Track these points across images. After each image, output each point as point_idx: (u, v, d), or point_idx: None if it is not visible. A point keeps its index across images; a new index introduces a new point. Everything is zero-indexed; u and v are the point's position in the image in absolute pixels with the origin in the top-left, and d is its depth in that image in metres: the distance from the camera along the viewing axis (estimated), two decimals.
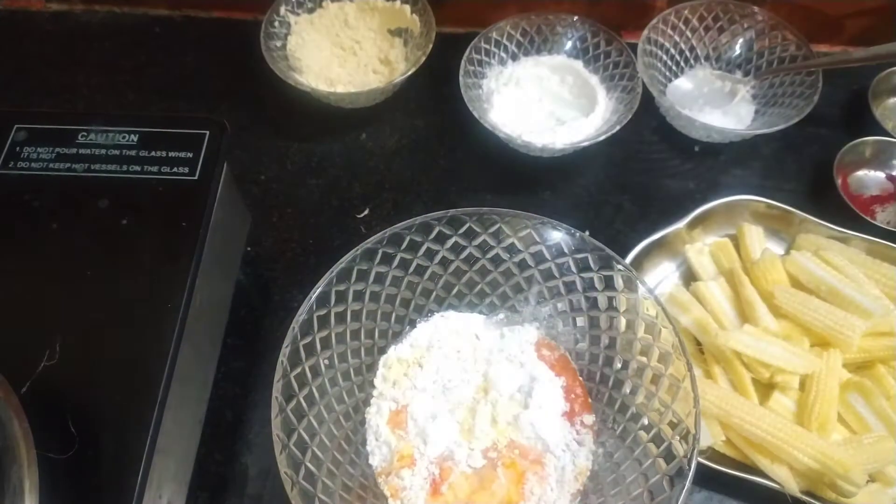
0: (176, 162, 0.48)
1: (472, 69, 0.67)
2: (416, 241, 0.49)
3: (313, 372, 0.45)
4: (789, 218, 0.59)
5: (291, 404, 0.42)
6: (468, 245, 0.50)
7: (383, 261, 0.49)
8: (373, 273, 0.48)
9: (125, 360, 0.40)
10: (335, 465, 0.43)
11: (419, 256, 0.50)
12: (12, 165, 0.47)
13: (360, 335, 0.49)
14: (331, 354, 0.47)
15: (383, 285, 0.49)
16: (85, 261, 0.44)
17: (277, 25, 0.70)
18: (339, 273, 0.46)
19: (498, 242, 0.50)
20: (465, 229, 0.49)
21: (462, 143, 0.69)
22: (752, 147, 0.69)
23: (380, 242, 0.47)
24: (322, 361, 0.46)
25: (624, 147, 0.68)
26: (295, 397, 0.43)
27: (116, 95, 0.72)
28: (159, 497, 0.40)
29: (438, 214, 0.48)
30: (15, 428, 0.33)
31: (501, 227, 0.49)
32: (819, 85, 0.64)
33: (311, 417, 0.43)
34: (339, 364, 0.48)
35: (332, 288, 0.46)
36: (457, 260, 0.51)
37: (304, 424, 0.42)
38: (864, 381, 0.50)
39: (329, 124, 0.70)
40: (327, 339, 0.47)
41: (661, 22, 0.69)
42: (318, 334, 0.46)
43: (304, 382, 0.44)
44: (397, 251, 0.49)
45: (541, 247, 0.49)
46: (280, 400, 0.41)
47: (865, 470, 0.47)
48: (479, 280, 0.52)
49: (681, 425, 0.42)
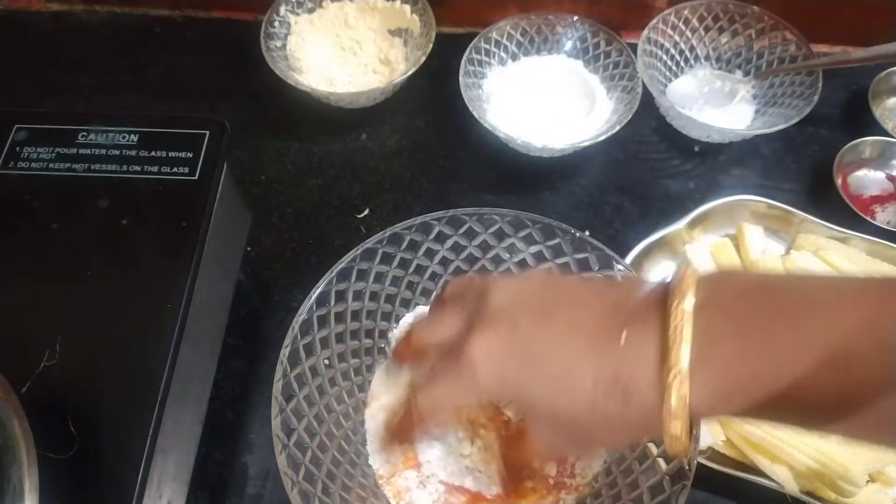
0: (176, 162, 0.48)
1: (472, 69, 0.67)
2: (416, 240, 0.49)
3: (313, 372, 0.45)
4: (789, 218, 0.59)
5: (291, 404, 0.42)
6: (468, 245, 0.50)
7: (383, 260, 0.49)
8: (373, 273, 0.48)
9: (125, 360, 0.40)
10: (335, 465, 0.43)
11: (419, 256, 0.50)
12: (12, 165, 0.47)
13: (360, 335, 0.49)
14: (331, 354, 0.47)
15: (383, 285, 0.49)
16: (85, 261, 0.44)
17: (277, 25, 0.70)
18: (340, 272, 0.46)
19: (498, 242, 0.50)
20: (466, 229, 0.49)
21: (462, 143, 0.69)
22: (752, 147, 0.69)
23: (380, 242, 0.47)
24: (322, 361, 0.46)
25: (624, 147, 0.68)
26: (295, 397, 0.43)
27: (116, 95, 0.72)
28: (159, 497, 0.40)
29: (438, 214, 0.48)
30: (15, 428, 0.33)
31: (502, 227, 0.49)
32: (819, 85, 0.64)
33: (310, 417, 0.43)
34: (339, 364, 0.48)
35: (332, 288, 0.46)
36: (457, 260, 0.51)
37: (304, 424, 0.42)
38: None
39: (329, 124, 0.70)
40: (327, 339, 0.47)
41: (661, 22, 0.69)
42: (317, 334, 0.46)
43: (304, 382, 0.44)
44: (397, 251, 0.49)
45: (541, 247, 0.49)
46: (280, 400, 0.41)
47: (865, 470, 0.47)
48: None
49: None
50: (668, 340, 0.28)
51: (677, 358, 0.28)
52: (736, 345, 0.28)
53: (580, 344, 0.31)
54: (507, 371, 0.32)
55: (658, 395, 0.29)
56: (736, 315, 0.29)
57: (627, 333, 0.30)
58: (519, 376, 0.32)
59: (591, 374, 0.30)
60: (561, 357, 0.31)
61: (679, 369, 0.28)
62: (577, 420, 0.31)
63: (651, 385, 0.29)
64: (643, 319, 0.30)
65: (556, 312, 0.33)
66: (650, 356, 0.29)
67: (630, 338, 0.30)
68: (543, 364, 0.32)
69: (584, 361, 0.31)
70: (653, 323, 0.30)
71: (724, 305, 0.29)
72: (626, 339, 0.30)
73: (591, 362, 0.31)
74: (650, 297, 0.31)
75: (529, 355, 0.32)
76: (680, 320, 0.28)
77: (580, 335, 0.31)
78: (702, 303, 0.29)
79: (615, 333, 0.30)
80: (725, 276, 0.31)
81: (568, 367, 0.31)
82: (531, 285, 0.35)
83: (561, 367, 0.31)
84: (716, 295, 0.29)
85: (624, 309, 0.32)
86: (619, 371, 0.30)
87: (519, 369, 0.32)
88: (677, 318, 0.29)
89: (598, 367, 0.30)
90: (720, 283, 0.30)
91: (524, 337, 0.32)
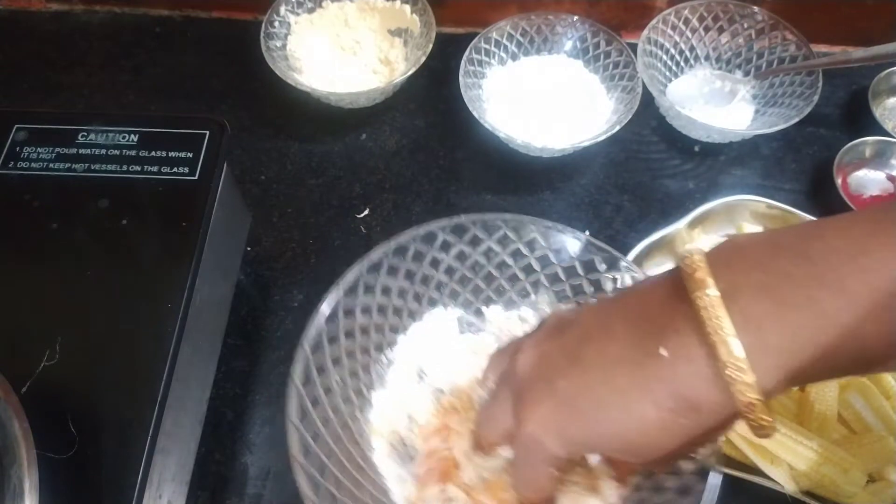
0: (176, 162, 0.48)
1: (472, 69, 0.67)
2: (420, 251, 0.48)
3: (325, 389, 0.44)
4: (789, 218, 0.59)
5: (304, 423, 0.41)
6: (472, 252, 0.49)
7: (390, 272, 0.48)
8: (378, 285, 0.47)
9: (125, 360, 0.40)
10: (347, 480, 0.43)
11: (425, 265, 0.49)
12: (12, 165, 0.47)
13: (369, 350, 0.49)
14: (342, 372, 0.46)
15: (390, 298, 0.48)
16: (85, 261, 0.44)
17: (277, 25, 0.70)
18: (346, 288, 0.45)
19: (503, 248, 0.50)
20: (470, 236, 0.49)
21: (462, 143, 0.69)
22: (752, 147, 0.69)
23: (385, 254, 0.47)
24: (334, 380, 0.45)
25: (624, 147, 0.68)
26: (308, 415, 0.42)
27: (116, 95, 0.72)
28: (159, 497, 0.40)
29: (443, 222, 0.48)
30: (15, 428, 0.33)
31: (506, 233, 0.49)
32: (819, 85, 0.64)
33: (326, 437, 0.43)
34: (351, 380, 0.47)
35: (339, 303, 0.45)
36: (462, 268, 0.50)
37: (320, 443, 0.42)
38: (864, 381, 0.51)
39: (329, 124, 0.70)
40: (337, 356, 0.46)
41: (660, 22, 0.69)
42: (328, 350, 0.45)
43: (318, 401, 0.43)
44: (401, 262, 0.48)
45: (546, 251, 0.49)
46: (295, 422, 0.41)
47: (865, 470, 0.47)
48: (484, 287, 0.51)
49: None
50: (709, 338, 0.27)
51: (729, 352, 0.27)
52: (781, 317, 0.27)
53: (622, 377, 0.30)
54: (565, 430, 0.32)
55: (724, 394, 0.27)
56: (768, 289, 0.27)
57: (665, 347, 0.29)
58: (579, 430, 0.32)
59: (648, 401, 0.29)
60: (609, 397, 0.31)
61: (736, 362, 0.27)
62: (651, 445, 0.31)
63: (713, 387, 0.28)
64: (674, 328, 0.29)
65: (585, 358, 0.32)
66: (700, 360, 0.28)
67: (671, 350, 0.29)
68: (595, 408, 0.31)
69: (634, 392, 0.30)
70: (685, 327, 0.28)
71: (751, 282, 0.28)
72: (667, 353, 0.29)
73: (641, 390, 0.30)
74: (667, 301, 0.30)
75: (577, 408, 0.32)
76: (713, 314, 0.27)
77: (617, 368, 0.31)
78: (726, 287, 0.28)
79: (652, 351, 0.29)
80: (735, 251, 0.29)
81: (620, 402, 0.30)
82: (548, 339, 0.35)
83: (613, 406, 0.30)
84: (737, 274, 0.28)
85: (647, 324, 0.30)
86: (674, 387, 0.29)
87: (576, 424, 0.32)
88: (708, 313, 0.27)
89: (652, 390, 0.29)
90: (733, 258, 0.29)
91: (564, 393, 0.32)
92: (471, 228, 0.48)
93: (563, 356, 0.33)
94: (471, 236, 0.49)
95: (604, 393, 0.31)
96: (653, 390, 0.29)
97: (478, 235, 0.49)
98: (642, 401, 0.30)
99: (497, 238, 0.49)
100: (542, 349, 0.35)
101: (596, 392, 0.31)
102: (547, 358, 0.34)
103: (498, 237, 0.49)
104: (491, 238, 0.49)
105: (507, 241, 0.49)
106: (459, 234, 0.48)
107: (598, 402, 0.31)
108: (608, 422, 0.31)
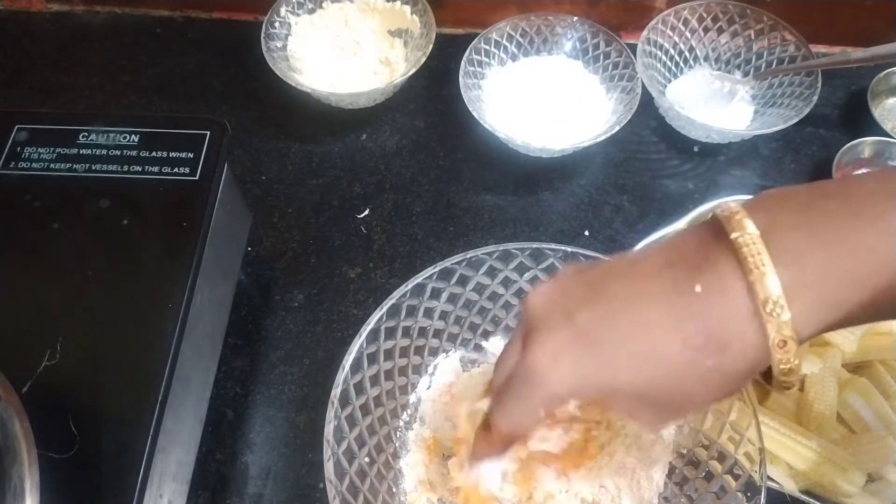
0: (177, 162, 0.48)
1: (472, 70, 0.67)
2: (466, 275, 0.48)
3: (363, 410, 0.45)
4: None
5: (342, 447, 0.42)
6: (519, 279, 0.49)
7: (432, 295, 0.48)
8: (422, 308, 0.48)
9: (125, 360, 0.40)
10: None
11: (469, 290, 0.49)
12: (13, 166, 0.47)
13: (407, 371, 0.49)
14: (379, 392, 0.47)
15: (432, 319, 0.49)
16: (86, 261, 0.44)
17: (278, 26, 0.70)
18: (389, 309, 0.46)
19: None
20: (517, 264, 0.48)
21: (462, 143, 0.69)
22: (751, 147, 0.69)
23: (429, 277, 0.47)
24: (371, 399, 0.45)
25: (623, 147, 0.68)
26: (346, 439, 0.42)
27: (117, 95, 0.72)
28: (160, 496, 0.41)
29: (490, 249, 0.47)
30: (16, 427, 0.33)
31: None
32: (818, 85, 0.64)
33: (360, 461, 0.43)
34: (388, 401, 0.47)
35: (381, 325, 0.45)
36: (506, 294, 0.50)
37: (355, 468, 0.42)
38: (864, 381, 0.51)
39: (329, 124, 0.70)
40: (376, 377, 0.46)
41: (660, 22, 0.69)
42: (367, 372, 0.45)
43: (355, 422, 0.44)
44: (447, 286, 0.48)
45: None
46: (332, 443, 0.41)
47: (865, 470, 0.47)
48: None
49: (742, 439, 0.41)
50: (749, 274, 0.27)
51: (766, 288, 0.26)
52: (821, 254, 0.27)
53: (650, 311, 0.29)
54: (577, 363, 0.30)
55: (758, 332, 0.27)
56: (807, 226, 0.27)
57: (700, 284, 0.28)
58: (592, 364, 0.30)
59: (676, 338, 0.28)
60: (633, 330, 0.29)
61: (774, 298, 0.26)
62: (671, 388, 0.29)
63: (747, 325, 0.27)
64: (711, 265, 0.28)
65: (609, 291, 0.30)
66: (736, 297, 0.27)
67: (706, 286, 0.28)
68: (616, 342, 0.29)
69: (662, 327, 0.29)
70: (724, 264, 0.28)
71: (790, 222, 0.28)
72: (702, 289, 0.28)
73: (671, 325, 0.28)
74: (703, 244, 0.29)
75: (596, 339, 0.30)
76: (753, 250, 0.27)
77: (645, 303, 0.29)
78: (765, 227, 0.27)
79: (685, 288, 0.28)
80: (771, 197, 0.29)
81: (645, 337, 0.29)
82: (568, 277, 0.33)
83: (638, 341, 0.29)
84: (776, 215, 0.28)
85: (682, 264, 0.29)
86: (706, 323, 0.28)
87: (591, 357, 0.30)
88: (749, 249, 0.27)
89: (682, 327, 0.28)
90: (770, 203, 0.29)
91: (583, 324, 0.30)
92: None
93: (586, 289, 0.31)
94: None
95: (628, 326, 0.29)
96: (683, 327, 0.28)
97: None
98: (669, 336, 0.28)
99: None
100: (561, 283, 0.33)
101: (619, 324, 0.30)
102: (566, 291, 0.32)
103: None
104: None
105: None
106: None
107: (622, 334, 0.29)
108: (630, 357, 0.29)
